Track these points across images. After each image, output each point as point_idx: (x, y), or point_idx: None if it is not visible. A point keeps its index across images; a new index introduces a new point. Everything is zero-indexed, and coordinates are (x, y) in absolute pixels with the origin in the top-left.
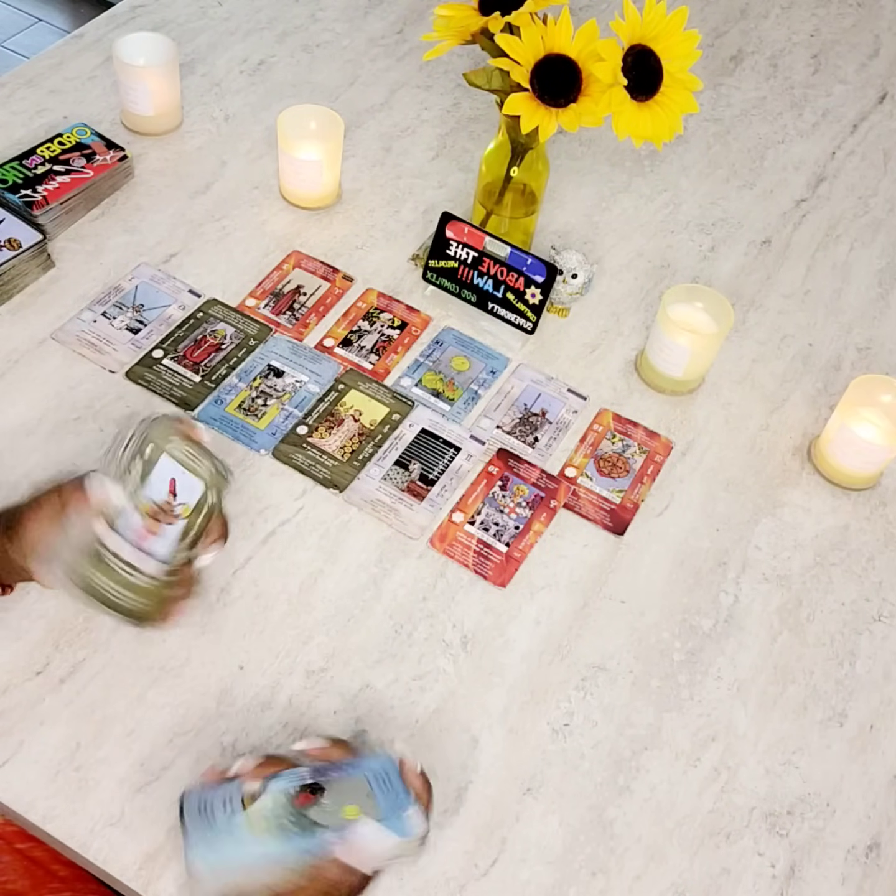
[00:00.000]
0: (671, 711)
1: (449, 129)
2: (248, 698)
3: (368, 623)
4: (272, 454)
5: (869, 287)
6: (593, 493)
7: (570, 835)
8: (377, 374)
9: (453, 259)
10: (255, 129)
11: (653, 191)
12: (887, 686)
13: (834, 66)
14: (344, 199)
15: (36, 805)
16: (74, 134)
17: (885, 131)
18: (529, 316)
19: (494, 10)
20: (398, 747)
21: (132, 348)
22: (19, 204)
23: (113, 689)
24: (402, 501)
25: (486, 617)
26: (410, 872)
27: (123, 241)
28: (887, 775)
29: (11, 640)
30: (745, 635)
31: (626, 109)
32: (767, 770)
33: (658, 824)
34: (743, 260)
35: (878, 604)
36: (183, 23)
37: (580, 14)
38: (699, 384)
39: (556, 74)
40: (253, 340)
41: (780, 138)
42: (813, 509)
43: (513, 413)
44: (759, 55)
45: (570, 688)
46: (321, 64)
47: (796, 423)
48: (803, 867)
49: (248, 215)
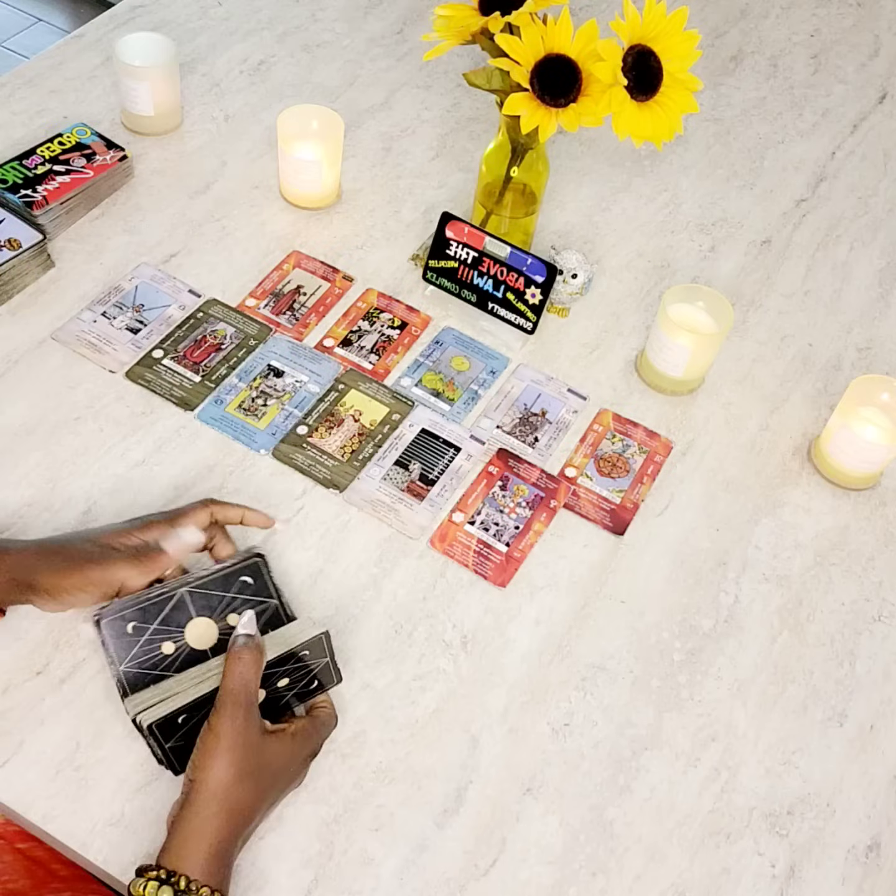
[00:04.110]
0: (671, 711)
1: (449, 129)
2: None
3: (368, 623)
4: (272, 454)
5: (869, 287)
6: (593, 493)
7: (570, 835)
8: (377, 374)
9: (453, 259)
10: (255, 129)
11: (653, 191)
12: (887, 686)
13: (834, 66)
14: (344, 199)
15: (36, 805)
16: (74, 134)
17: (885, 131)
18: (529, 316)
19: (494, 10)
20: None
21: (132, 348)
22: (19, 204)
23: (113, 689)
24: (402, 501)
25: (486, 617)
26: (410, 872)
27: (123, 241)
28: (887, 775)
29: (11, 640)
30: (745, 635)
31: (626, 109)
32: (767, 770)
33: (658, 824)
34: (743, 260)
35: (878, 604)
36: (183, 23)
37: (580, 14)
38: (699, 384)
39: (556, 74)
40: (253, 340)
41: (780, 138)
42: (813, 509)
43: (513, 413)
44: (759, 55)
45: (570, 688)
46: (321, 64)
47: (796, 423)
48: (803, 867)
49: (248, 215)
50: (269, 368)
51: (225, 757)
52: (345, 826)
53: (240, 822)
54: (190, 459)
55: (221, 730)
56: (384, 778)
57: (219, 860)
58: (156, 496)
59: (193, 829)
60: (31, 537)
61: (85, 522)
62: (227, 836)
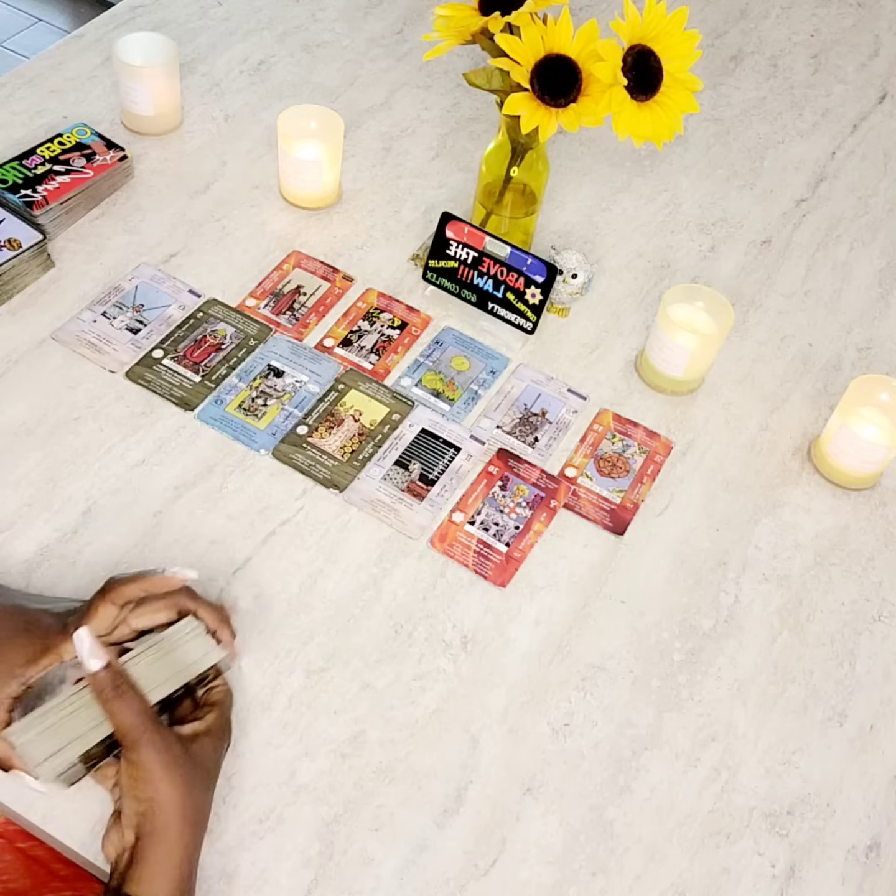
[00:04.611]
0: (671, 711)
1: (449, 129)
2: (248, 698)
3: (368, 623)
4: (272, 454)
5: (869, 287)
6: (593, 493)
7: (570, 835)
8: (377, 374)
9: (453, 259)
10: (255, 129)
11: (653, 191)
12: (887, 686)
13: (834, 66)
14: (344, 199)
15: (36, 805)
16: (74, 134)
17: (885, 131)
18: (529, 316)
19: (494, 10)
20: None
21: (132, 348)
22: (19, 204)
23: None
24: (402, 501)
25: (486, 617)
26: (410, 872)
27: (123, 241)
28: (887, 775)
29: None
30: (745, 635)
31: (626, 109)
32: (767, 770)
33: (658, 824)
34: (743, 260)
35: (878, 604)
36: (183, 23)
37: (580, 14)
38: (699, 384)
39: (556, 74)
40: (253, 340)
41: (780, 138)
42: (813, 509)
43: (513, 413)
44: (759, 55)
45: (570, 688)
46: (321, 64)
47: (796, 423)
48: (803, 867)
49: (248, 215)
50: (269, 368)
51: (165, 779)
52: (345, 826)
53: (200, 831)
54: (190, 459)
55: (146, 760)
56: (384, 778)
57: (188, 880)
58: (156, 496)
59: (162, 855)
60: (30, 537)
61: (85, 522)
62: (193, 851)
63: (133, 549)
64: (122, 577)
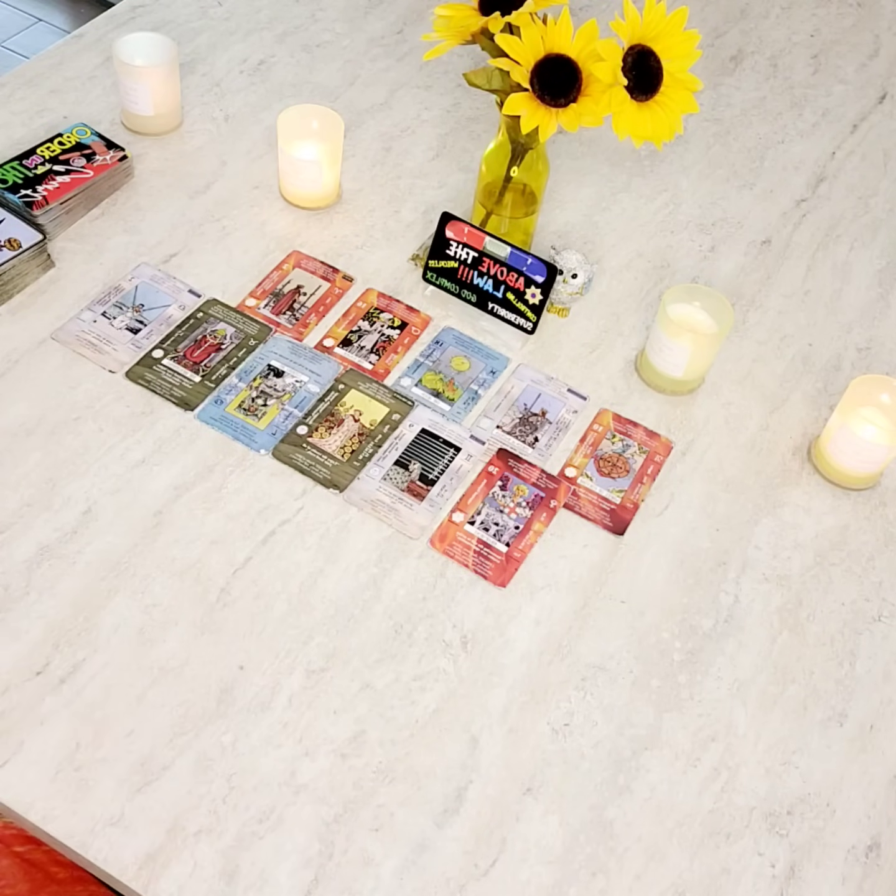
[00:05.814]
0: (671, 711)
1: (449, 129)
2: (248, 698)
3: (368, 623)
4: (272, 454)
5: (869, 287)
6: (593, 493)
7: (570, 835)
8: (377, 374)
9: (453, 259)
10: (255, 129)
11: (653, 191)
12: (887, 686)
13: (834, 66)
14: (344, 199)
15: (36, 805)
16: (74, 134)
17: (885, 131)
18: (529, 316)
19: (494, 10)
20: None
21: (132, 348)
22: (19, 204)
23: (113, 689)
24: (402, 501)
25: (486, 617)
26: (410, 872)
27: (123, 241)
28: (887, 775)
29: (11, 641)
30: (745, 635)
31: (626, 109)
32: (767, 770)
33: (658, 824)
34: (743, 260)
35: (878, 604)
36: (183, 23)
37: (580, 14)
38: (699, 384)
39: (556, 74)
40: (253, 340)
41: (780, 138)
42: (813, 509)
43: (513, 413)
44: (759, 55)
45: (570, 688)
46: (321, 64)
47: (796, 423)
48: (803, 867)
49: (248, 215)
50: (269, 368)
51: None
52: (345, 826)
53: None
54: (190, 459)
55: None
56: (384, 778)
57: None
58: (156, 496)
59: None
60: (30, 537)
61: (85, 522)
62: None
63: (133, 549)
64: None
